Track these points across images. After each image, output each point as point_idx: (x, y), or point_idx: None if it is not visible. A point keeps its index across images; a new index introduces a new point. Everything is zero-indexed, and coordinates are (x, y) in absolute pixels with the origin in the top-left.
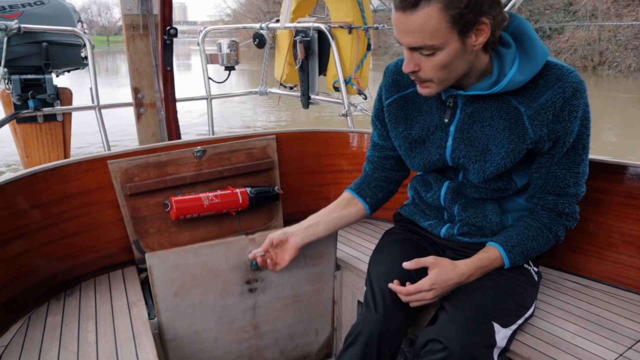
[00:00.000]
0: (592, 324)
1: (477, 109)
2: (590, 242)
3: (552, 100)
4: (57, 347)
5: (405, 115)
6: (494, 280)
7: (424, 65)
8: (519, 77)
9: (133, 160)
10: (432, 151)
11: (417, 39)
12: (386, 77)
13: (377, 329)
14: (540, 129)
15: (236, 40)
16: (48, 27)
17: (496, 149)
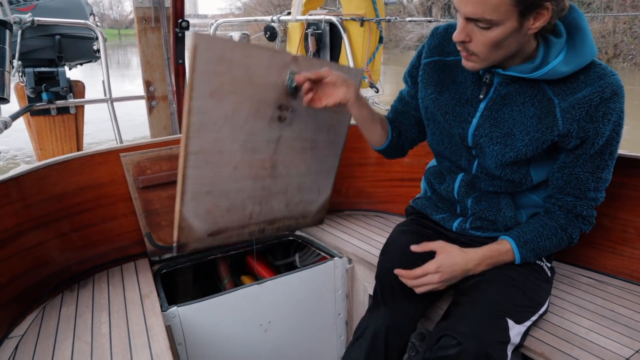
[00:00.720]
0: (607, 319)
1: (511, 92)
2: (605, 237)
3: (590, 98)
4: (71, 338)
5: (439, 79)
6: (508, 276)
7: (475, 37)
8: (562, 68)
9: (145, 153)
10: (456, 124)
11: (477, 10)
12: (432, 38)
13: (384, 323)
14: (570, 123)
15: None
16: (61, 20)
17: (520, 135)
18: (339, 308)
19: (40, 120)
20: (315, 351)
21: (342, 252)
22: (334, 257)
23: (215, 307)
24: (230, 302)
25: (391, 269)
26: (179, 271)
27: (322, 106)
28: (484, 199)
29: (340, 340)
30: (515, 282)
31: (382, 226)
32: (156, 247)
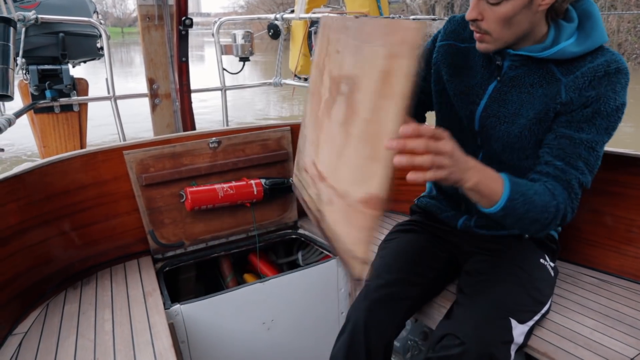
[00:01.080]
0: (611, 319)
1: (520, 75)
2: (609, 237)
3: (594, 69)
4: (74, 335)
5: (452, 62)
6: (511, 275)
7: (487, 15)
8: (572, 49)
9: (148, 151)
10: (464, 107)
11: None
12: (449, 24)
13: (363, 316)
14: (573, 91)
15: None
16: (65, 18)
17: (526, 112)
18: (342, 306)
19: (43, 118)
20: (317, 349)
21: None
22: (337, 256)
23: (218, 305)
24: (233, 300)
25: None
26: (181, 269)
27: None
28: None
29: None
30: (518, 281)
31: (385, 224)
32: (159, 245)
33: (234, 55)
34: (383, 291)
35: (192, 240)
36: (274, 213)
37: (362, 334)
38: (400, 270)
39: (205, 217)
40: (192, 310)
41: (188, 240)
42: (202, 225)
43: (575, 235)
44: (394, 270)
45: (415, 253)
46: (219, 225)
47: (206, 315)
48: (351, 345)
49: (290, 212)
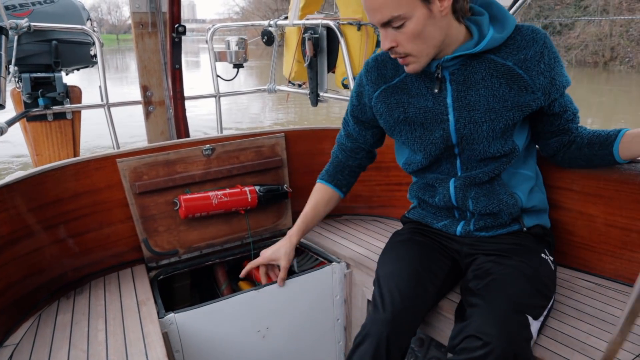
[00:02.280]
0: (607, 323)
1: (467, 75)
2: (604, 241)
3: (539, 53)
4: (67, 346)
5: (397, 100)
6: (519, 271)
7: (399, 39)
8: (498, 35)
9: (142, 159)
10: (434, 129)
11: (385, 13)
12: (369, 72)
13: (386, 330)
14: (537, 77)
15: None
16: (58, 26)
17: (499, 104)
18: (337, 313)
19: (36, 126)
20: (313, 357)
21: (340, 257)
22: (332, 262)
23: (212, 314)
24: (227, 308)
25: (389, 276)
26: (176, 277)
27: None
28: (482, 195)
29: (339, 345)
30: (527, 278)
31: (381, 231)
32: (153, 253)
33: (227, 61)
34: (401, 304)
35: (186, 248)
36: (268, 220)
37: (385, 349)
38: (412, 280)
39: (200, 224)
40: (186, 319)
41: (182, 248)
42: (196, 233)
43: (569, 239)
44: (406, 282)
45: (423, 262)
46: (214, 232)
47: (201, 324)
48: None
49: (284, 219)
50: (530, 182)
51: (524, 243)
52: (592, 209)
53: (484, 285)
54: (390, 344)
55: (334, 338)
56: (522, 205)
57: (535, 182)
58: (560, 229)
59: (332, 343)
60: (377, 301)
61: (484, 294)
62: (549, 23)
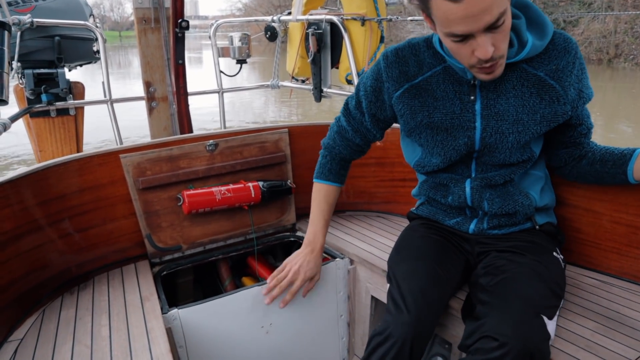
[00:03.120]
0: (613, 321)
1: (498, 83)
2: (609, 238)
3: (572, 62)
4: (71, 341)
5: (421, 102)
6: (532, 270)
7: (497, 40)
8: (538, 42)
9: (145, 154)
10: (458, 135)
11: (494, 12)
12: (390, 68)
13: (410, 332)
14: (568, 88)
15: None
16: (60, 21)
17: (528, 117)
18: (341, 309)
19: (39, 122)
20: (317, 353)
21: (344, 253)
22: (336, 258)
23: (216, 309)
24: (231, 304)
25: (408, 275)
26: (179, 273)
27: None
28: (497, 196)
29: (343, 342)
30: (540, 277)
31: (384, 227)
32: (156, 249)
33: (231, 57)
34: (424, 305)
35: (189, 243)
36: (272, 216)
37: (408, 352)
38: (432, 280)
39: (203, 220)
40: (190, 315)
41: (185, 243)
42: (200, 229)
43: (575, 237)
44: (426, 281)
45: (440, 261)
46: (217, 228)
47: (204, 320)
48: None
49: (288, 215)
50: (541, 181)
51: (536, 241)
52: (598, 206)
53: (496, 283)
54: (414, 347)
55: (337, 334)
56: (536, 204)
57: (545, 182)
58: (566, 226)
59: (336, 339)
60: (399, 301)
61: (497, 293)
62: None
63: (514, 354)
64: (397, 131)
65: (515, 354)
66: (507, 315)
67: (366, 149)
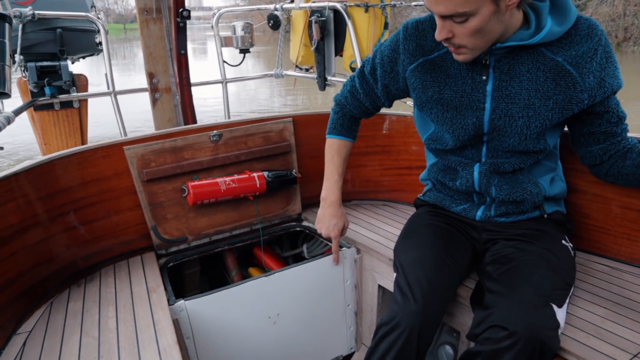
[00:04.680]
0: (623, 307)
1: (513, 65)
2: (620, 224)
3: (594, 49)
4: (78, 333)
5: (433, 77)
6: (541, 258)
7: (457, 31)
8: (557, 28)
9: (149, 146)
10: (467, 114)
11: (449, 7)
12: (408, 40)
13: (418, 321)
14: (587, 76)
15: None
16: (62, 13)
17: (540, 102)
18: (348, 299)
19: (43, 115)
20: (324, 342)
21: (351, 242)
22: (342, 247)
23: (223, 300)
24: (238, 295)
25: (415, 263)
26: (185, 264)
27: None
28: (506, 183)
29: (350, 331)
30: (549, 265)
31: (391, 215)
32: (162, 241)
33: (234, 47)
34: (431, 293)
35: (195, 235)
36: (277, 206)
37: (416, 340)
38: (439, 268)
39: (208, 211)
40: (196, 306)
41: (191, 235)
42: (205, 220)
43: (585, 223)
44: (433, 270)
45: (447, 249)
46: (222, 219)
47: (211, 311)
48: (403, 350)
49: (294, 205)
50: (552, 172)
51: (545, 229)
52: (607, 191)
53: (505, 271)
54: (422, 335)
55: (344, 323)
56: (545, 193)
57: (556, 172)
58: (576, 212)
59: (343, 328)
60: (405, 290)
61: (506, 281)
62: None
63: (523, 344)
64: (402, 119)
65: (524, 344)
66: (516, 305)
67: (374, 112)
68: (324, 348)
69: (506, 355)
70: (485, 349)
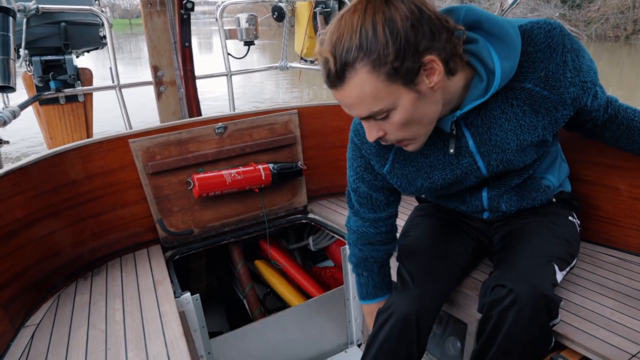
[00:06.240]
0: (632, 299)
1: (485, 115)
2: (628, 214)
3: (563, 62)
4: (86, 326)
5: (415, 168)
6: (546, 227)
7: (387, 127)
8: (508, 64)
9: (154, 139)
10: (466, 179)
11: (362, 110)
12: (365, 144)
13: (414, 307)
14: (566, 91)
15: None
16: (66, 7)
17: (529, 135)
18: (354, 291)
19: (49, 109)
20: (331, 334)
21: None
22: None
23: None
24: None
25: (414, 252)
26: (191, 257)
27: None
28: (515, 194)
29: (357, 323)
30: (553, 233)
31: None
32: (168, 233)
33: (238, 39)
34: (427, 281)
35: (201, 227)
36: (283, 198)
37: (414, 325)
38: (437, 259)
39: (214, 204)
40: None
41: (197, 227)
42: (211, 213)
43: (593, 213)
44: (431, 260)
45: (447, 241)
46: (228, 211)
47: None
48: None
49: (299, 197)
50: (557, 155)
51: (551, 208)
52: (617, 181)
53: (509, 240)
54: (419, 320)
55: (351, 315)
56: (553, 187)
57: (558, 154)
58: (584, 203)
59: (350, 320)
60: (405, 278)
61: (509, 247)
62: None
63: (524, 300)
64: None
65: (526, 300)
66: (515, 262)
67: (394, 202)
68: (331, 339)
69: (510, 314)
70: (492, 314)
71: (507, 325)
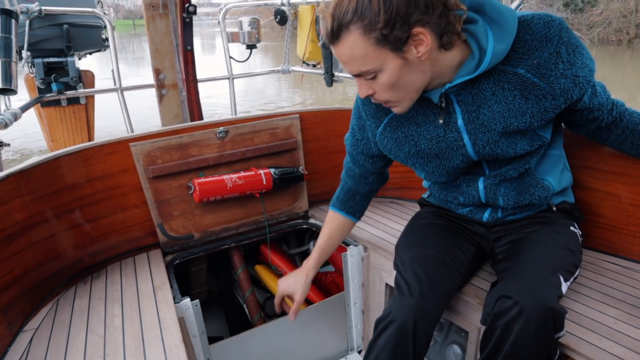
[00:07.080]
0: (636, 308)
1: (475, 93)
2: (631, 222)
3: (556, 52)
4: (84, 331)
5: (405, 134)
6: (549, 237)
7: (375, 87)
8: (500, 46)
9: (155, 143)
10: (451, 157)
11: (353, 67)
12: (366, 105)
13: (412, 315)
14: (557, 81)
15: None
16: (68, 9)
17: (517, 119)
18: (355, 297)
19: (50, 112)
20: (331, 341)
21: (357, 240)
22: (349, 245)
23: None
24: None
25: (413, 260)
26: (192, 262)
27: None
28: (512, 190)
29: (357, 329)
30: (557, 243)
31: (398, 213)
32: (168, 238)
33: (240, 42)
34: (427, 289)
35: (201, 232)
36: (284, 203)
37: (412, 335)
38: (437, 265)
39: (215, 208)
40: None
41: (197, 232)
42: (212, 217)
43: (596, 221)
44: (431, 266)
45: (447, 247)
46: (229, 216)
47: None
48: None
49: (300, 202)
50: (559, 162)
51: (552, 218)
52: (619, 189)
53: (512, 250)
54: (417, 330)
55: (352, 322)
56: (553, 191)
57: (562, 161)
58: (586, 210)
59: (350, 327)
60: (402, 286)
61: (513, 257)
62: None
63: (530, 312)
64: None
65: (532, 312)
66: (520, 274)
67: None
68: (331, 346)
69: (517, 326)
70: (497, 325)
71: (513, 338)
